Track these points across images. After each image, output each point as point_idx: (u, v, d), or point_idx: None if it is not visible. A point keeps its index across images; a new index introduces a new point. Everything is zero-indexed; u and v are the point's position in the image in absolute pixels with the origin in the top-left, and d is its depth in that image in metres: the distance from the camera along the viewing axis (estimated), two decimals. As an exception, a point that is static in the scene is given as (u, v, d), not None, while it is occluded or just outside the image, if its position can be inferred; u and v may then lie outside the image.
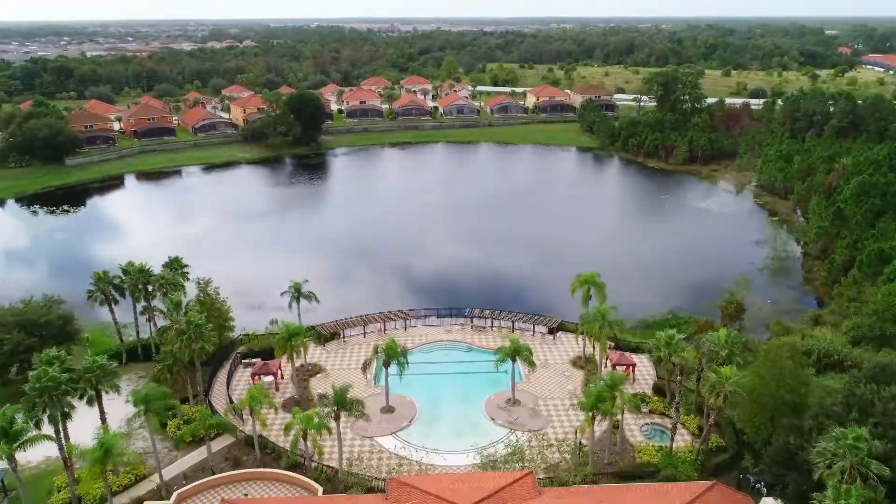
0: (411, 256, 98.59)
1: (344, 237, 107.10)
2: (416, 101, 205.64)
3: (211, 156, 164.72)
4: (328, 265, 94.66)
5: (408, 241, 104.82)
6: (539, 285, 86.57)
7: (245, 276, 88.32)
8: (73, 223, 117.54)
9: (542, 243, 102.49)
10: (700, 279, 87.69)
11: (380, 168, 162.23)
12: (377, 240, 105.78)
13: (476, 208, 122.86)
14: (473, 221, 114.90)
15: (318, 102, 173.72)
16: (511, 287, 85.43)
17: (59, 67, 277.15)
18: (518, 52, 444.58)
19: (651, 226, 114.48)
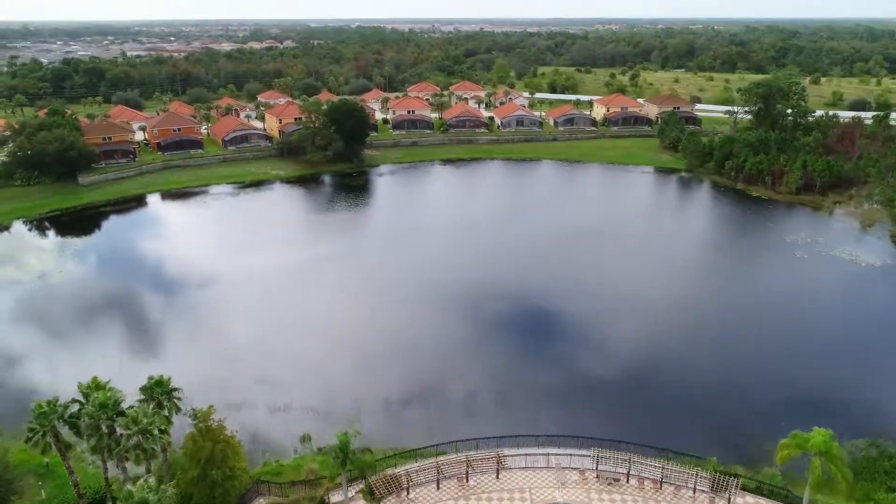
0: (483, 324, 76.41)
1: (390, 287, 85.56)
2: (469, 110, 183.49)
3: (241, 173, 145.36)
4: (369, 333, 73.22)
5: (475, 297, 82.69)
6: (677, 378, 63.59)
7: (265, 347, 67.61)
8: (66, 267, 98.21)
9: (656, 305, 79.20)
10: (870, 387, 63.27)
11: (431, 190, 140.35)
12: (434, 293, 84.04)
13: (555, 247, 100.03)
14: (553, 267, 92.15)
15: (361, 113, 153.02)
16: (643, 384, 62.71)
17: (90, 69, 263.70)
18: (570, 55, 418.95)
19: (788, 285, 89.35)
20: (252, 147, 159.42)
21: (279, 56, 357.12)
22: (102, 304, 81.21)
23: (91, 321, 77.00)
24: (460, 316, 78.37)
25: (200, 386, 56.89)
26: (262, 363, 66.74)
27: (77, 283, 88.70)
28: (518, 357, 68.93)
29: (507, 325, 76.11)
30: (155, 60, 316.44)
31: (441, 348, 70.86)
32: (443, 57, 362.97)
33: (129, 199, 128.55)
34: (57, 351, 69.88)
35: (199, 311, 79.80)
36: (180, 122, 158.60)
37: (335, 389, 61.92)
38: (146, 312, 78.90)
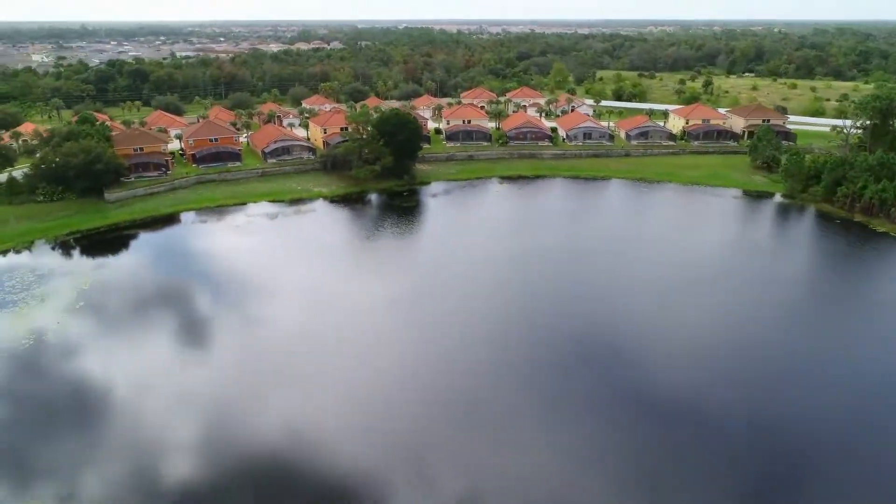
0: (589, 402, 59.48)
1: (459, 347, 69.37)
2: (531, 121, 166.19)
3: (281, 190, 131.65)
4: (441, 411, 57.06)
5: (564, 357, 65.84)
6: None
7: (325, 432, 52.34)
8: (65, 318, 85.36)
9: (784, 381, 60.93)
10: None
11: (491, 214, 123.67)
12: (517, 353, 67.50)
13: (645, 291, 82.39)
14: (651, 319, 74.59)
15: (414, 125, 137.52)
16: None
17: (134, 71, 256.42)
18: (629, 59, 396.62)
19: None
20: (294, 160, 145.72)
21: (326, 58, 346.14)
22: (94, 389, 63.71)
23: (71, 427, 57.58)
24: (555, 388, 61.58)
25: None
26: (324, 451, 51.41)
27: (68, 348, 71.33)
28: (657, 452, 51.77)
29: (619, 406, 58.95)
30: (200, 62, 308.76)
31: (545, 445, 54.20)
32: (495, 60, 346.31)
33: (156, 219, 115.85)
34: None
35: (231, 391, 65.07)
36: (217, 131, 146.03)
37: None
38: (158, 390, 64.46)
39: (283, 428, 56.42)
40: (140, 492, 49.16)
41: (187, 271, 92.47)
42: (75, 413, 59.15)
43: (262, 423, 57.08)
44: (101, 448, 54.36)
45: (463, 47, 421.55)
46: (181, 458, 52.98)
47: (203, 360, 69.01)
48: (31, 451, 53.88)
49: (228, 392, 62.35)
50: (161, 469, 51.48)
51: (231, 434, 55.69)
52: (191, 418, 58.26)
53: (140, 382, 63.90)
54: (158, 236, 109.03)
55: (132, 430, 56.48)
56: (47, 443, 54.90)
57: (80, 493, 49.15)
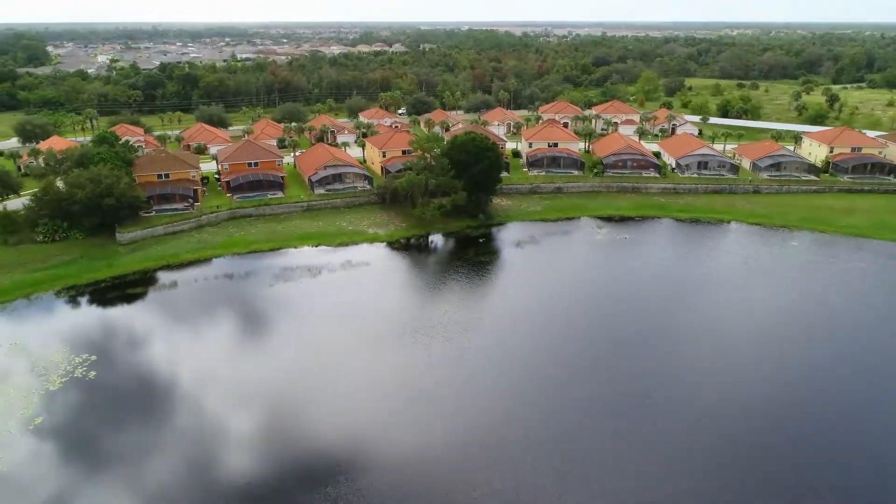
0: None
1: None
2: (632, 146, 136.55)
3: (328, 231, 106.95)
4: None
5: None
6: None
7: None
8: (14, 449, 61.99)
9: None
10: None
11: (593, 275, 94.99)
12: None
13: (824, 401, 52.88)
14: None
15: (494, 153, 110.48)
16: None
17: (184, 76, 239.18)
18: (718, 65, 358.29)
19: None
20: (345, 191, 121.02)
21: (387, 62, 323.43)
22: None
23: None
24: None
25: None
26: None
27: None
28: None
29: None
30: (256, 66, 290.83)
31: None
32: (570, 66, 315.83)
33: (173, 267, 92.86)
34: None
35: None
36: (258, 153, 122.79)
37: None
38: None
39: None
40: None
41: (196, 367, 67.93)
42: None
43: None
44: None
45: (533, 52, 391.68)
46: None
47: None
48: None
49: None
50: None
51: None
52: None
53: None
54: (168, 299, 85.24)
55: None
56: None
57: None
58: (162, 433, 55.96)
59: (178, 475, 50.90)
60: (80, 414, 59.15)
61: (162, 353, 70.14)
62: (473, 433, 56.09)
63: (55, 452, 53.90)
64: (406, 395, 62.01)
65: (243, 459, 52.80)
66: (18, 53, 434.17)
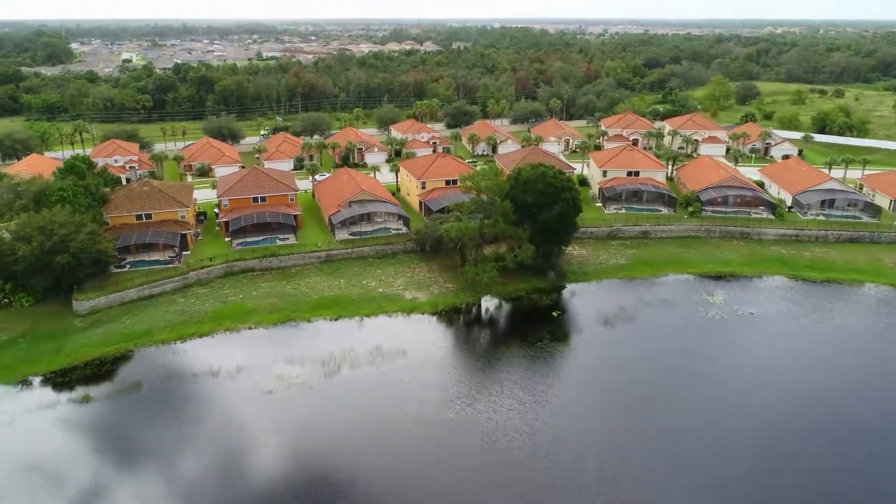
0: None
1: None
2: (737, 178, 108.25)
3: (351, 294, 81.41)
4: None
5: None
6: None
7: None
8: None
9: None
10: None
11: (718, 379, 67.83)
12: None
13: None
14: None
15: (571, 194, 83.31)
16: None
17: (198, 79, 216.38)
18: (784, 67, 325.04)
19: None
20: (376, 234, 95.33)
21: (421, 63, 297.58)
22: None
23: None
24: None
25: None
26: None
27: None
28: None
29: None
30: (278, 68, 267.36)
31: None
32: (620, 68, 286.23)
33: (140, 354, 68.15)
34: None
35: None
36: (266, 185, 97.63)
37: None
38: None
39: None
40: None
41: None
42: None
43: None
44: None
45: (577, 52, 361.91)
46: None
47: None
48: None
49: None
50: None
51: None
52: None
53: None
54: (120, 420, 60.18)
55: None
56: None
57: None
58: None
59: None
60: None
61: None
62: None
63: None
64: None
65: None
66: (38, 51, 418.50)
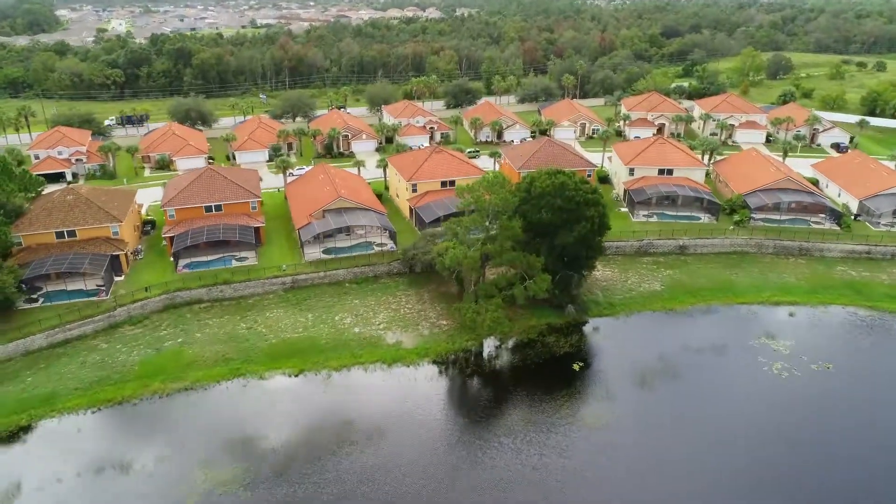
0: None
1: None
2: (794, 179, 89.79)
3: (320, 337, 64.63)
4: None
5: None
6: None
7: None
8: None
9: None
10: None
11: (767, 447, 51.42)
12: None
13: None
14: None
15: (596, 210, 65.54)
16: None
17: (175, 51, 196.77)
18: (814, 36, 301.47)
19: None
20: (355, 251, 78.10)
21: (420, 33, 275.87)
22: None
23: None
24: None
25: None
26: None
27: None
28: None
29: None
30: (266, 38, 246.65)
31: None
32: (638, 38, 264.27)
33: (32, 434, 51.96)
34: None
35: None
36: (222, 189, 79.97)
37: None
38: None
39: None
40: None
41: None
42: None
43: None
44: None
45: (589, 19, 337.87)
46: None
47: None
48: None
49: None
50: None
51: None
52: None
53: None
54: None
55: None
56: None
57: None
58: None
59: None
60: None
61: None
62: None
63: None
64: None
65: None
66: (18, 19, 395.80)
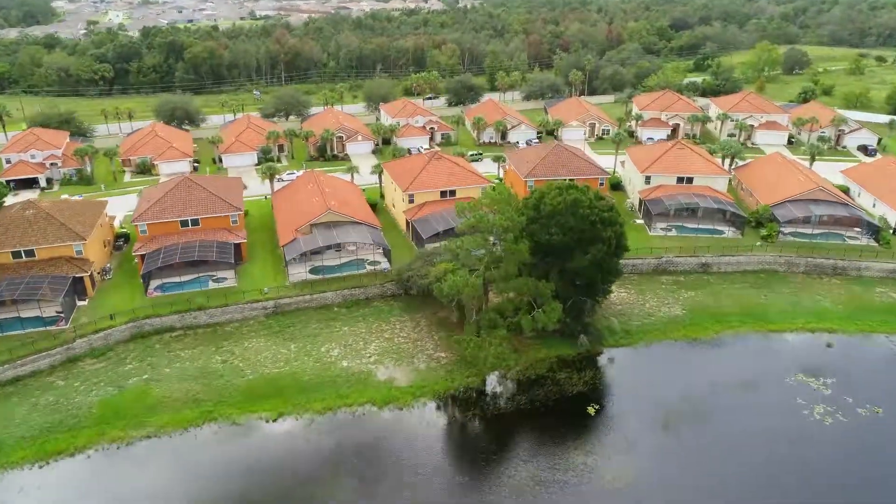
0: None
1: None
2: (827, 189, 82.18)
3: (303, 373, 57.65)
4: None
5: None
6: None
7: None
8: None
9: None
10: None
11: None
12: None
13: None
14: None
15: (613, 230, 58.27)
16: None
17: (166, 45, 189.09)
18: (828, 28, 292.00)
19: None
20: (345, 270, 70.94)
21: (422, 25, 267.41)
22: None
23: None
24: None
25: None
26: None
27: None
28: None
29: None
30: (262, 30, 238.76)
31: None
32: (646, 30, 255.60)
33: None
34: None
35: None
36: (198, 203, 72.69)
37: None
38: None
39: None
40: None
41: None
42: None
43: None
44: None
45: (596, 11, 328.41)
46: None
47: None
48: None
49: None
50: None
51: None
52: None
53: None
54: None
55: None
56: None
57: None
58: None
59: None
60: None
61: None
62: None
63: None
64: None
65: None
66: (12, 11, 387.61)
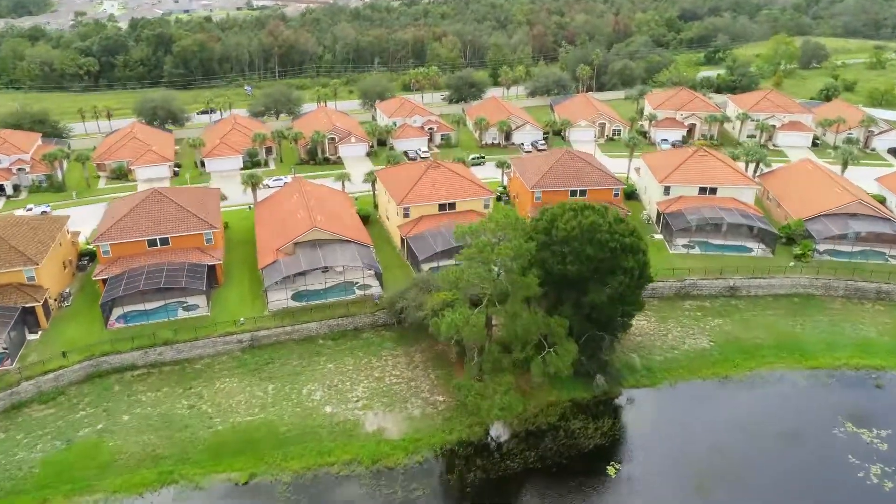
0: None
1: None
2: (866, 201, 74.36)
3: (279, 422, 50.27)
4: None
5: None
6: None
7: None
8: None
9: None
10: None
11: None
12: None
13: None
14: None
15: (636, 259, 50.83)
16: None
17: (155, 37, 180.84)
18: (842, 19, 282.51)
19: None
20: (331, 295, 63.40)
21: (422, 16, 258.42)
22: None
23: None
24: None
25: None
26: None
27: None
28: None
29: None
30: (255, 22, 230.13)
31: None
32: (655, 22, 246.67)
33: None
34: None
35: None
36: (169, 219, 64.92)
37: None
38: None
39: None
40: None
41: None
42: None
43: None
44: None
45: (602, 2, 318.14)
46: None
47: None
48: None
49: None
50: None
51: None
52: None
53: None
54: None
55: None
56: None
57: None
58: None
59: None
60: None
61: None
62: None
63: None
64: None
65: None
66: (3, 1, 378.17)
